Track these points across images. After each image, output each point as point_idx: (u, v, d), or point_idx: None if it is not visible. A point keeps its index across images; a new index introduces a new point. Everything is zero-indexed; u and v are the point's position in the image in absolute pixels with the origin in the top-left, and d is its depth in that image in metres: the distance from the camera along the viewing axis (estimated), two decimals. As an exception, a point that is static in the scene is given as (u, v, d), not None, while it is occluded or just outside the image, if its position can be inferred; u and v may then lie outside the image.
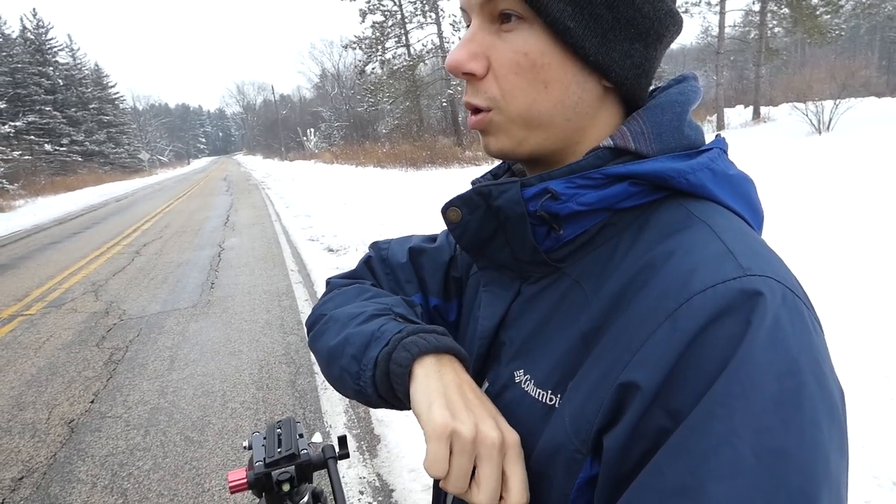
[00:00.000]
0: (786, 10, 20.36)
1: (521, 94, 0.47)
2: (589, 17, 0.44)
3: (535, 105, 0.47)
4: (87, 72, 49.58)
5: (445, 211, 0.52)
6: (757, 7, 20.66)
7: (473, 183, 0.57)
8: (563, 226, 0.48)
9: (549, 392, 0.46)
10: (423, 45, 26.83)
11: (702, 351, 0.36)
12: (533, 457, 0.46)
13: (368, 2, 25.74)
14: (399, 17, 26.48)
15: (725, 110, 20.38)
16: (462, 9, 0.51)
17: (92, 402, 3.43)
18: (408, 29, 26.72)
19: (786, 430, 0.33)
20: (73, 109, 42.52)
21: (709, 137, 0.51)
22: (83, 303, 5.81)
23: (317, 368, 3.61)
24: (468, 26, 0.51)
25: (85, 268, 7.72)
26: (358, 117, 39.02)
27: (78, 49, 48.84)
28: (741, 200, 0.48)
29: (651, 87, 0.52)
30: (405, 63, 26.36)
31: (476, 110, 0.50)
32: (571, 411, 0.43)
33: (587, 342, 0.44)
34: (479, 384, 0.57)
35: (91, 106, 46.44)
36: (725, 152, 0.50)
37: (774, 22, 21.77)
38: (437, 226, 0.68)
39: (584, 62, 0.46)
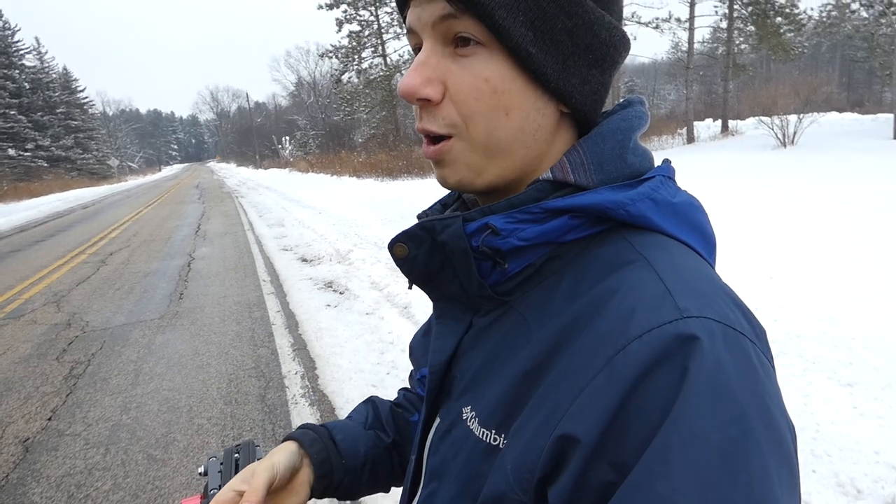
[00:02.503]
0: (752, 28, 21.00)
1: (482, 120, 0.45)
2: (550, 43, 0.43)
3: (495, 132, 0.45)
4: (54, 75, 48.35)
5: (392, 247, 0.51)
6: (724, 24, 21.28)
7: (419, 217, 0.56)
8: (508, 260, 0.46)
9: (493, 432, 0.44)
10: (399, 55, 26.88)
11: (641, 401, 0.34)
12: (479, 502, 0.44)
13: (345, 12, 25.70)
14: (376, 27, 26.49)
15: (695, 123, 20.84)
16: (410, 29, 0.48)
17: (49, 419, 3.29)
18: (384, 39, 26.75)
19: (732, 482, 0.31)
20: (39, 114, 41.38)
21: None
22: (43, 314, 5.59)
23: (287, 382, 3.54)
24: (415, 50, 0.49)
25: (47, 277, 7.45)
26: (334, 126, 38.83)
27: (46, 52, 47.61)
28: (688, 228, 0.46)
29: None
30: (382, 73, 26.34)
31: (434, 139, 0.47)
32: (513, 459, 0.41)
33: (529, 382, 0.42)
34: (433, 420, 0.55)
35: (58, 110, 45.21)
36: (671, 178, 0.48)
37: (741, 39, 22.44)
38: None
39: (543, 88, 0.45)
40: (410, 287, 0.55)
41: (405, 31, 0.50)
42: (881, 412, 2.44)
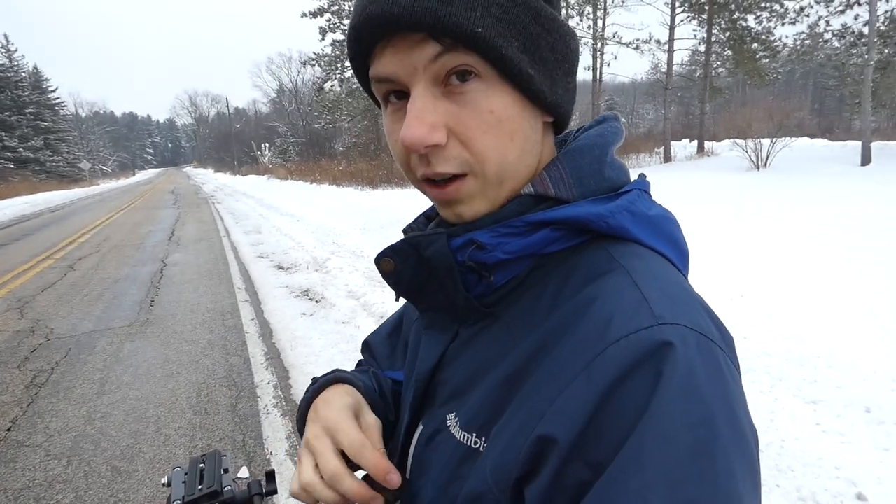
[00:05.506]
0: (729, 53, 21.67)
1: (493, 152, 0.45)
2: (540, 62, 0.45)
3: (505, 159, 0.45)
4: (24, 74, 47.07)
5: (379, 261, 0.52)
6: (703, 48, 21.88)
7: (405, 231, 0.57)
8: (493, 273, 0.47)
9: (474, 436, 0.46)
10: (383, 65, 27.03)
11: (617, 403, 0.36)
12: (457, 503, 0.45)
13: (329, 20, 25.74)
14: (360, 36, 26.63)
15: (672, 143, 21.29)
16: (383, 79, 0.45)
17: (8, 429, 3.16)
18: (368, 49, 26.89)
19: (700, 481, 0.33)
20: (6, 113, 40.34)
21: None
22: (6, 320, 5.40)
23: (259, 391, 3.48)
24: (384, 99, 0.47)
25: (10, 283, 7.21)
26: (315, 134, 38.64)
27: (15, 50, 46.37)
28: (663, 240, 0.49)
29: (576, 129, 0.55)
30: (364, 82, 26.45)
31: (443, 181, 0.46)
32: (493, 459, 0.42)
33: (510, 386, 0.44)
34: (415, 427, 0.56)
35: (27, 110, 44.11)
36: (647, 192, 0.51)
37: (718, 63, 23.11)
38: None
39: (536, 105, 0.47)
40: (398, 299, 0.56)
41: (365, 83, 0.48)
42: (843, 429, 2.51)
